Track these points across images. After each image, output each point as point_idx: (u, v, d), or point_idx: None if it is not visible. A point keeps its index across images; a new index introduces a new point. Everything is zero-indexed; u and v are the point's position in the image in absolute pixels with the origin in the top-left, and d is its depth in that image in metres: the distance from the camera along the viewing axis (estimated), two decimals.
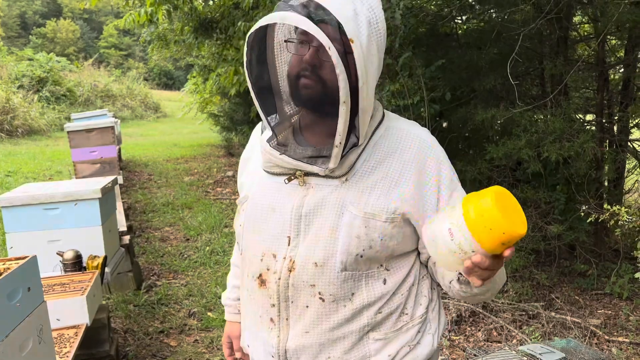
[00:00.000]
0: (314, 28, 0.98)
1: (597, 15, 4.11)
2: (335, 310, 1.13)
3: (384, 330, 1.17)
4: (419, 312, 1.21)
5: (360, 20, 1.02)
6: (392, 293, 1.17)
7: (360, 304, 1.14)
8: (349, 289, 1.13)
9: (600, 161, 4.26)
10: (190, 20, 6.88)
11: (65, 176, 7.94)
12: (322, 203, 1.13)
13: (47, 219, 2.86)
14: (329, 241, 1.12)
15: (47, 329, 1.75)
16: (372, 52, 1.05)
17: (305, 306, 1.14)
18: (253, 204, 1.24)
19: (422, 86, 4.05)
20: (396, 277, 1.17)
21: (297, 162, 1.13)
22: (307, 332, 1.15)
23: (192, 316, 3.82)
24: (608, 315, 3.66)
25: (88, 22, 43.57)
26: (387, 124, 1.20)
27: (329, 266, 1.12)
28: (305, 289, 1.13)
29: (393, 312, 1.17)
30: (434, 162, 1.16)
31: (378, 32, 1.06)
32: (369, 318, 1.15)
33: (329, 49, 0.98)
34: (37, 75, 15.86)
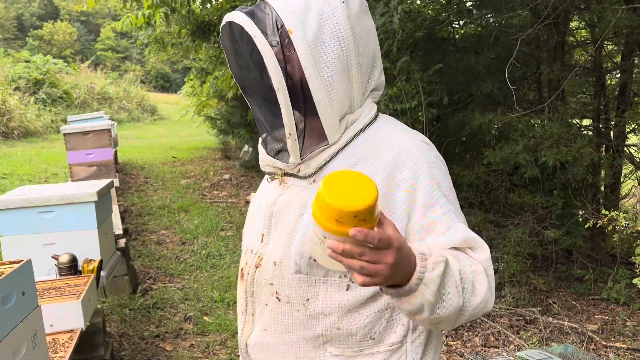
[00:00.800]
0: (244, 20, 1.01)
1: (594, 21, 4.13)
2: (289, 312, 1.11)
3: (342, 347, 1.10)
4: (391, 340, 1.10)
5: (310, 13, 1.03)
6: (354, 310, 1.08)
7: (314, 311, 1.09)
8: (302, 293, 1.09)
9: (597, 166, 4.27)
10: (187, 23, 6.88)
11: (61, 179, 7.91)
12: (289, 203, 1.13)
13: (42, 222, 2.84)
14: (287, 241, 1.11)
15: (41, 334, 1.73)
16: (326, 44, 1.04)
17: (264, 304, 1.15)
18: (252, 202, 1.30)
19: (420, 90, 4.05)
20: (361, 293, 1.08)
21: (270, 159, 1.16)
22: (265, 330, 1.15)
23: (188, 320, 3.79)
24: (605, 321, 3.66)
25: (85, 24, 43.53)
26: (377, 128, 1.14)
27: (284, 266, 1.10)
28: (266, 286, 1.14)
29: (355, 333, 1.09)
30: (408, 172, 1.06)
31: (334, 23, 1.05)
32: (324, 329, 1.09)
33: (254, 37, 1.00)
34: (33, 77, 15.81)
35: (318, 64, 1.04)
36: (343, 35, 1.05)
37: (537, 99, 4.85)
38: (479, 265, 1.01)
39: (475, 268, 1.00)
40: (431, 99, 4.17)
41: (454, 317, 0.96)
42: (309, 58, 1.02)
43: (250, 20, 1.02)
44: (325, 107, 1.05)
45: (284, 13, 1.02)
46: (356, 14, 1.08)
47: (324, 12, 1.05)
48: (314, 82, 1.03)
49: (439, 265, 0.91)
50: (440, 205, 1.04)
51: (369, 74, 1.13)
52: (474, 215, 4.12)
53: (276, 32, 1.02)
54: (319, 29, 1.03)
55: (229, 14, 1.06)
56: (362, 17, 1.10)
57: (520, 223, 4.11)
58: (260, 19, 1.04)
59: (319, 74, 1.04)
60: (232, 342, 3.46)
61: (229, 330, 3.59)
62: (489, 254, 1.03)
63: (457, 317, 0.97)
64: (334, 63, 1.05)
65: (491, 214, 4.32)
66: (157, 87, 33.15)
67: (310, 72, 1.03)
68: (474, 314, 0.99)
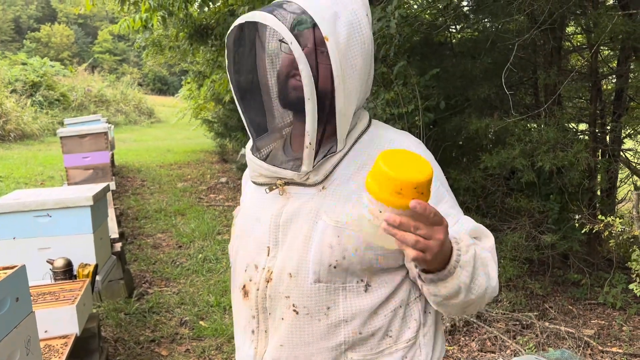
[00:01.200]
0: (277, 24, 0.97)
1: (590, 26, 4.14)
2: (309, 323, 1.09)
3: (363, 351, 1.11)
4: (406, 336, 1.13)
5: (340, 21, 1.01)
6: (374, 312, 1.10)
7: (336, 319, 1.08)
8: (323, 302, 1.08)
9: (594, 171, 4.28)
10: (185, 26, 6.88)
11: (57, 182, 7.89)
12: (298, 212, 1.11)
13: (37, 226, 2.83)
14: (303, 251, 1.09)
15: (35, 340, 1.72)
16: (353, 54, 1.03)
17: (281, 318, 1.11)
18: (242, 216, 1.24)
19: (417, 95, 4.05)
20: (378, 295, 1.10)
21: (274, 168, 1.12)
22: (282, 345, 1.11)
23: (183, 325, 3.78)
24: (601, 326, 3.66)
25: (83, 27, 43.49)
26: (374, 132, 1.16)
27: (302, 277, 1.08)
28: (281, 300, 1.10)
29: (374, 334, 1.10)
30: None
31: (361, 35, 1.04)
32: (346, 336, 1.09)
33: (291, 43, 0.97)
34: (30, 80, 15.79)
35: (346, 76, 1.03)
36: (366, 47, 1.06)
37: (533, 103, 4.86)
38: (488, 253, 1.07)
39: (486, 254, 1.06)
40: (428, 104, 4.17)
41: (482, 298, 1.03)
42: (340, 69, 1.01)
43: (282, 24, 0.98)
44: (343, 117, 1.06)
45: (319, 19, 0.99)
46: (369, 26, 1.08)
47: (352, 22, 1.03)
48: (340, 93, 1.03)
49: (471, 248, 0.97)
50: (446, 199, 1.11)
51: (368, 81, 1.14)
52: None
53: (312, 39, 1.00)
54: (348, 39, 1.02)
55: (255, 15, 1.01)
56: (370, 27, 1.10)
57: (516, 227, 4.11)
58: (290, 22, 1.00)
59: (344, 86, 1.03)
60: (228, 347, 3.45)
61: (225, 334, 3.57)
62: (494, 242, 1.11)
63: (483, 299, 1.03)
64: (356, 76, 1.05)
65: (488, 218, 4.32)
66: (155, 90, 33.14)
67: (339, 82, 1.02)
68: (491, 296, 1.06)
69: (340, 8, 1.03)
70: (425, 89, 4.23)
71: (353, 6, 1.05)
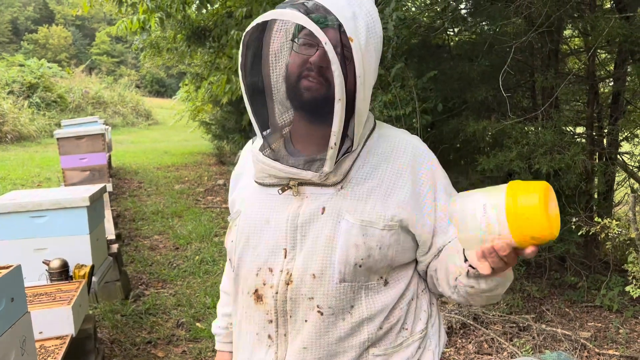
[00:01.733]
0: (310, 23, 0.97)
1: (588, 29, 4.15)
2: (334, 324, 1.09)
3: (384, 345, 1.14)
4: (419, 328, 1.18)
5: (359, 22, 1.02)
6: (392, 307, 1.14)
7: (359, 318, 1.10)
8: (348, 302, 1.09)
9: (591, 174, 4.28)
10: (183, 28, 6.88)
11: (54, 183, 7.87)
12: (316, 212, 1.10)
13: (34, 227, 2.82)
14: (327, 251, 1.08)
15: (30, 341, 1.71)
16: (370, 54, 1.05)
17: (304, 320, 1.10)
18: (245, 218, 1.20)
19: (414, 97, 4.05)
20: (395, 290, 1.14)
21: (291, 169, 1.10)
22: (306, 348, 1.10)
23: (180, 326, 3.77)
24: (598, 328, 3.66)
25: (80, 28, 43.45)
26: (379, 132, 1.20)
27: (327, 277, 1.08)
28: (304, 302, 1.09)
29: (393, 327, 1.14)
30: (427, 170, 1.16)
31: (375, 36, 1.05)
32: (370, 333, 1.11)
33: (325, 44, 0.96)
34: (27, 81, 15.75)
35: (365, 76, 1.04)
36: (379, 47, 1.09)
37: (530, 106, 4.87)
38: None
39: None
40: (425, 106, 4.18)
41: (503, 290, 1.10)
42: (362, 69, 1.02)
43: (317, 27, 0.97)
44: (362, 116, 1.08)
45: (343, 19, 1.00)
46: (380, 26, 1.10)
47: (368, 23, 1.04)
48: (361, 92, 1.03)
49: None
50: (454, 194, 1.17)
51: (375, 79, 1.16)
52: None
53: (340, 41, 1.00)
54: (367, 40, 1.03)
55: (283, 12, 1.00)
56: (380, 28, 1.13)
57: None
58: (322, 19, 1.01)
59: (364, 85, 1.04)
60: None
61: None
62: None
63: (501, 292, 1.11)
64: (373, 77, 1.09)
65: None
66: (152, 92, 33.10)
67: (360, 83, 1.02)
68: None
69: (357, 8, 1.04)
70: (422, 91, 4.24)
71: (368, 7, 1.06)
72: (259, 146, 1.17)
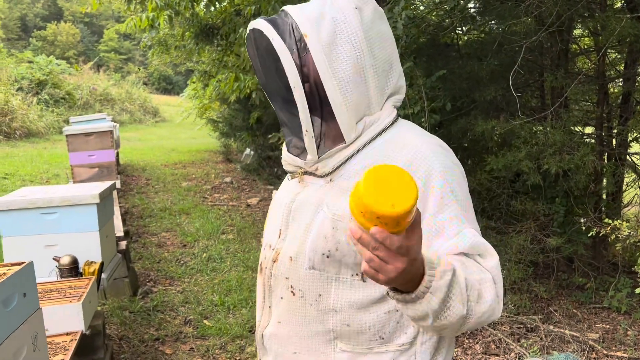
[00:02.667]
0: (264, 25, 1.10)
1: (598, 29, 4.13)
2: (302, 306, 1.15)
3: (352, 344, 1.13)
4: (400, 341, 1.12)
5: (324, 20, 1.10)
6: (364, 309, 1.11)
7: (325, 307, 1.12)
8: (315, 289, 1.13)
9: (600, 174, 4.26)
10: (191, 26, 6.89)
11: (62, 179, 7.91)
12: (306, 200, 1.17)
13: (44, 223, 2.84)
14: (302, 238, 1.15)
15: (41, 336, 1.72)
16: (339, 47, 1.10)
17: (280, 297, 1.19)
18: (273, 200, 1.34)
19: (423, 96, 4.04)
20: (371, 292, 1.10)
21: (291, 157, 1.22)
22: (280, 322, 1.20)
23: (188, 324, 3.79)
24: (606, 330, 3.65)
25: (89, 25, 43.63)
26: (395, 132, 1.16)
27: (300, 262, 1.14)
28: (282, 281, 1.18)
29: (364, 331, 1.11)
30: (421, 176, 1.06)
31: (348, 27, 1.10)
32: (334, 325, 1.13)
33: (272, 39, 1.08)
34: (36, 78, 15.83)
35: (332, 65, 1.09)
36: (356, 39, 1.11)
37: (539, 106, 4.85)
38: (487, 273, 1.00)
39: (483, 276, 0.99)
40: (434, 105, 4.17)
41: (458, 325, 0.96)
42: (323, 59, 1.09)
43: (270, 25, 1.10)
44: (339, 106, 1.10)
45: (300, 19, 1.10)
46: (370, 20, 1.14)
47: (337, 18, 1.11)
48: (329, 82, 1.09)
49: (447, 274, 0.90)
50: (451, 209, 1.05)
51: (386, 77, 1.16)
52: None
53: (293, 37, 1.10)
54: (333, 34, 1.10)
55: (252, 22, 1.14)
56: (377, 22, 1.15)
57: (521, 230, 4.10)
58: (280, 25, 1.12)
59: (334, 74, 1.09)
60: (232, 347, 3.45)
61: (229, 334, 3.58)
62: (498, 261, 1.03)
63: (461, 325, 0.97)
64: (348, 64, 1.10)
65: (493, 220, 4.32)
66: (160, 89, 33.21)
67: (324, 72, 1.09)
68: (480, 321, 0.99)
69: (327, 8, 1.12)
70: (431, 91, 4.23)
71: (341, 4, 1.12)
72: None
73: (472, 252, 1.02)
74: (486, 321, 1.00)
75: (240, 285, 4.44)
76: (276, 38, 1.09)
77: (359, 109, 1.12)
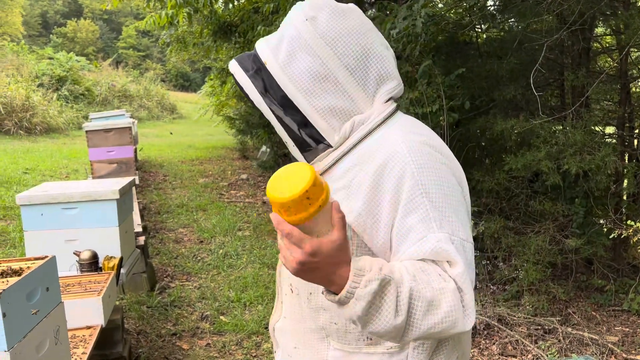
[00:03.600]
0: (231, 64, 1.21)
1: (621, 28, 4.06)
2: (298, 303, 1.20)
3: (342, 343, 1.14)
4: (388, 343, 1.11)
5: (282, 43, 1.16)
6: None
7: (315, 305, 1.16)
8: (307, 287, 1.15)
9: (621, 175, 4.20)
10: (209, 23, 6.93)
11: (81, 175, 8.02)
12: None
13: (65, 218, 2.88)
14: None
15: (63, 330, 1.75)
16: (298, 60, 1.13)
17: (285, 294, 1.26)
18: None
19: (441, 94, 4.02)
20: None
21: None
22: (285, 318, 1.26)
23: (204, 319, 3.81)
24: (626, 333, 3.60)
25: (108, 22, 44.07)
26: (385, 130, 1.13)
27: None
28: (286, 278, 1.24)
29: (350, 331, 1.13)
30: (394, 176, 1.03)
31: (302, 40, 1.14)
32: (324, 323, 1.15)
33: (234, 73, 1.20)
34: (56, 74, 16.05)
35: (293, 80, 1.14)
36: (312, 46, 1.14)
37: (559, 105, 4.79)
38: (451, 282, 0.95)
39: (444, 285, 0.94)
40: (452, 104, 4.14)
41: (395, 334, 0.94)
42: (283, 77, 1.14)
43: (236, 62, 1.21)
44: (312, 115, 1.14)
45: (260, 48, 1.19)
46: (327, 23, 1.14)
47: (291, 35, 1.16)
48: (295, 95, 1.14)
49: (372, 283, 0.90)
50: (419, 212, 1.00)
51: (365, 70, 1.13)
52: (493, 222, 4.08)
53: (254, 66, 1.19)
54: (291, 51, 1.15)
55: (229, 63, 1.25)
56: (337, 22, 1.14)
57: (540, 231, 4.06)
58: (244, 61, 1.21)
59: (297, 87, 1.14)
60: (247, 343, 3.47)
61: (245, 330, 3.60)
62: (464, 269, 0.97)
63: (402, 335, 0.95)
64: (308, 74, 1.13)
65: (511, 220, 4.27)
66: (177, 86, 33.40)
67: (286, 87, 1.15)
68: (433, 332, 0.95)
69: (285, 30, 1.17)
70: (449, 89, 4.20)
71: (294, 22, 1.17)
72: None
73: (438, 258, 0.98)
74: (444, 332, 0.95)
75: (256, 282, 4.46)
76: (237, 71, 1.19)
77: (339, 112, 1.12)
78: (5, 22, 31.02)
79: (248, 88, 1.19)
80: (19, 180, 7.32)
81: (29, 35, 34.83)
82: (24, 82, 14.03)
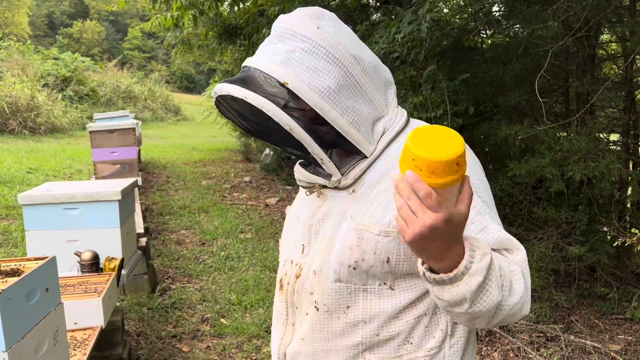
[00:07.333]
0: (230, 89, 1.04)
1: (626, 35, 4.05)
2: (328, 321, 1.13)
3: (382, 353, 1.12)
4: (429, 345, 1.12)
5: (295, 56, 1.05)
6: (394, 317, 1.10)
7: (354, 319, 1.11)
8: (343, 302, 1.11)
9: (625, 182, 4.18)
10: (215, 25, 6.94)
11: (84, 175, 8.03)
12: (328, 213, 1.16)
13: (66, 218, 2.88)
14: (326, 250, 1.13)
15: (62, 331, 1.74)
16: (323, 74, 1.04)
17: (305, 313, 1.17)
18: (288, 215, 1.33)
19: (446, 99, 4.01)
20: (401, 298, 1.10)
21: (308, 175, 1.18)
22: (303, 340, 1.17)
23: (205, 322, 3.80)
24: (629, 341, 3.57)
25: (113, 23, 44.24)
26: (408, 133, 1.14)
27: (324, 275, 1.13)
28: (306, 296, 1.16)
29: (394, 337, 1.11)
30: None
31: (322, 49, 1.05)
32: (364, 337, 1.11)
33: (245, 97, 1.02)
34: (61, 75, 16.11)
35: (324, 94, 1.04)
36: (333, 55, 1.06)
37: (563, 111, 4.77)
38: (516, 266, 1.00)
39: (513, 268, 0.99)
40: (457, 109, 4.13)
41: (492, 313, 0.95)
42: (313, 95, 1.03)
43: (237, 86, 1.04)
44: (349, 130, 1.07)
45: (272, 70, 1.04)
46: (333, 28, 1.09)
47: (305, 49, 1.05)
48: (324, 111, 1.04)
49: (486, 257, 0.90)
50: (474, 205, 1.02)
51: (378, 75, 1.13)
52: None
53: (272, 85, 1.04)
54: (310, 66, 1.04)
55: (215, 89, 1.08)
56: (339, 27, 1.11)
57: (543, 238, 4.03)
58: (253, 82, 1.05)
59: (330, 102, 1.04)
60: (248, 346, 3.46)
61: (246, 333, 3.58)
62: (525, 256, 1.03)
63: (494, 315, 0.96)
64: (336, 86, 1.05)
65: (514, 227, 4.25)
66: (182, 88, 33.49)
67: (315, 105, 1.03)
68: (511, 314, 0.97)
69: (291, 43, 1.06)
70: (454, 94, 4.19)
71: (301, 31, 1.07)
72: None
73: (499, 247, 1.03)
74: (515, 315, 0.98)
75: (258, 284, 4.45)
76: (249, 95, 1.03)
77: (368, 118, 1.10)
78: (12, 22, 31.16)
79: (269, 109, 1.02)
80: (23, 180, 7.33)
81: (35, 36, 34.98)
82: (29, 82, 14.08)
